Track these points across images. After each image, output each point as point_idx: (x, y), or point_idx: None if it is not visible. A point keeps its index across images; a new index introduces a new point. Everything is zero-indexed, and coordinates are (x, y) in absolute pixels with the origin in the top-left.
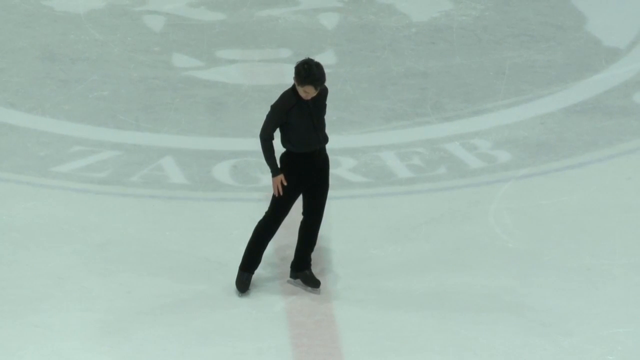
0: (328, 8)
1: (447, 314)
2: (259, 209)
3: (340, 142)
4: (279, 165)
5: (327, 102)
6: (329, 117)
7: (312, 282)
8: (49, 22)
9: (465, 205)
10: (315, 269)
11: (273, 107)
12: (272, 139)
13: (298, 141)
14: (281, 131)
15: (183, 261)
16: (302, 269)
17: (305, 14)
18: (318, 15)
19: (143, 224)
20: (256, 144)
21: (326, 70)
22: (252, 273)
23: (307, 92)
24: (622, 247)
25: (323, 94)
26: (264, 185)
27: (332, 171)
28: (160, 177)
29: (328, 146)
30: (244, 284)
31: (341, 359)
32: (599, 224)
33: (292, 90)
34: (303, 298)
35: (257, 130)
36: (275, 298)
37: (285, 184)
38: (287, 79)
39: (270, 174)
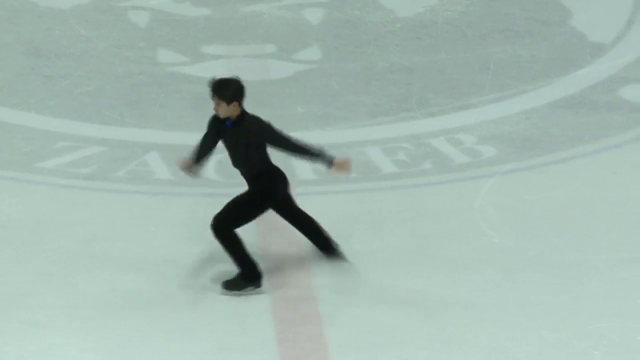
0: (313, 3)
1: (432, 309)
2: None
3: (326, 138)
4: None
5: (314, 98)
6: (314, 112)
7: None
8: (34, 18)
9: (451, 201)
10: (300, 265)
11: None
12: (199, 156)
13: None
14: None
15: (168, 257)
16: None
17: (290, 10)
18: (303, 10)
19: (128, 219)
20: None
21: (311, 66)
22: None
23: (215, 105)
24: (607, 242)
25: (253, 129)
26: None
27: (318, 166)
28: (145, 172)
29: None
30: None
31: (327, 354)
32: (584, 219)
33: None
34: (288, 293)
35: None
36: (260, 294)
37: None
38: (272, 75)
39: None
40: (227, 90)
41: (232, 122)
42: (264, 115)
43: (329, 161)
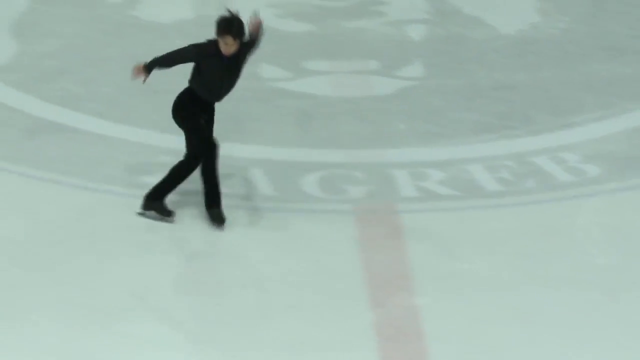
0: (415, 20)
1: (537, 329)
2: (347, 221)
3: (428, 155)
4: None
5: (416, 114)
6: (417, 128)
7: (218, 220)
8: (137, 32)
9: (554, 219)
10: (404, 282)
11: (193, 45)
12: (159, 64)
13: (202, 88)
14: (193, 69)
15: (268, 272)
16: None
17: (393, 26)
18: (406, 27)
19: (232, 235)
20: (344, 156)
21: (414, 83)
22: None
23: (227, 44)
24: None
25: (245, 53)
26: (352, 197)
27: (421, 184)
28: (248, 188)
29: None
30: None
31: None
32: None
33: (217, 43)
34: (391, 310)
35: (346, 142)
36: (362, 310)
37: (141, 79)
38: (375, 91)
39: None
40: (242, 29)
41: (229, 57)
42: (366, 131)
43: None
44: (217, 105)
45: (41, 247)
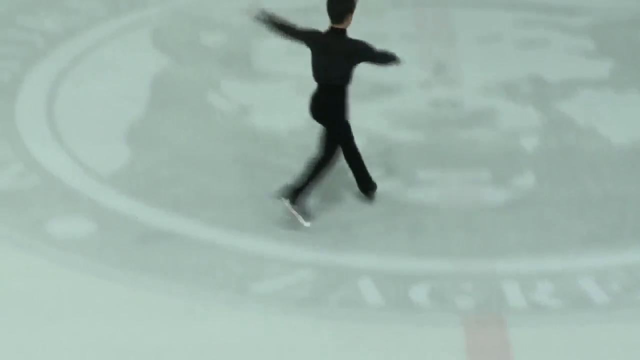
0: (528, 130)
1: None
2: (456, 332)
3: (538, 266)
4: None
5: (527, 225)
6: (527, 239)
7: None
8: (250, 140)
9: None
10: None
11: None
12: (278, 27)
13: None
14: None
15: None
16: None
17: (505, 136)
18: (518, 137)
19: (339, 346)
20: (454, 266)
21: (525, 193)
22: None
23: (348, 21)
24: None
25: (351, 47)
26: (460, 308)
27: (530, 295)
28: (357, 297)
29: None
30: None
31: None
32: None
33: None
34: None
35: (456, 252)
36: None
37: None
38: (487, 200)
39: None
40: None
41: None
42: (476, 242)
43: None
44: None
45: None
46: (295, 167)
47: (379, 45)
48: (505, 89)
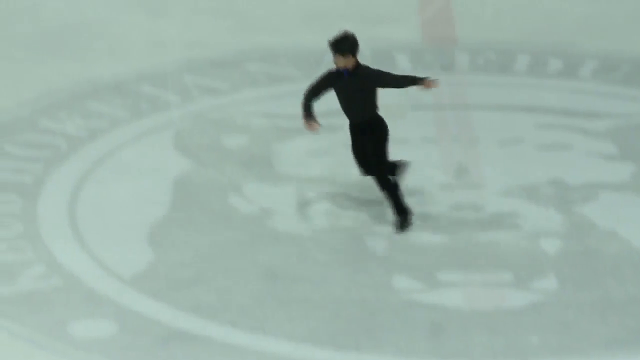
0: (550, 233)
1: None
2: None
3: None
4: None
5: (549, 328)
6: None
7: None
8: (272, 243)
9: None
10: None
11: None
12: (309, 101)
13: (343, 111)
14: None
15: None
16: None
17: (527, 238)
18: (540, 239)
19: None
20: None
21: (547, 296)
22: None
23: (335, 60)
24: None
25: (366, 75)
26: None
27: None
28: None
29: None
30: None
31: None
32: None
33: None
34: None
35: (477, 355)
36: None
37: (316, 128)
38: (508, 304)
39: None
40: (345, 44)
41: (348, 72)
42: (498, 344)
43: (421, 80)
44: (347, 316)
45: None
46: (318, 271)
47: (399, 149)
48: (527, 191)
